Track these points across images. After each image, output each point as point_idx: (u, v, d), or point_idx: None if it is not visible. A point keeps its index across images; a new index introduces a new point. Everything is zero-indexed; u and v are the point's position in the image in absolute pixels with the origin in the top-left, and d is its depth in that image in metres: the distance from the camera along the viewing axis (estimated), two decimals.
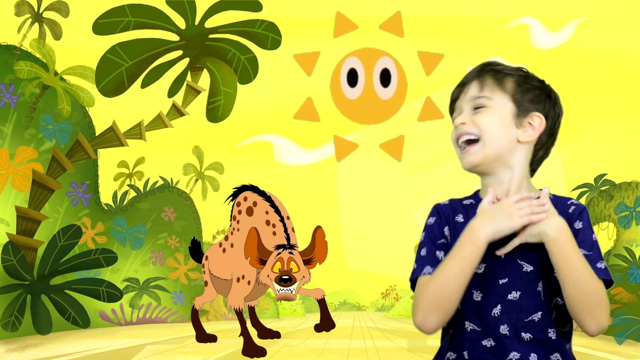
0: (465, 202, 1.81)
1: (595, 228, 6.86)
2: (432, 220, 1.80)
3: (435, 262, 1.75)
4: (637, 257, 7.33)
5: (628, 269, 7.31)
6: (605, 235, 7.66)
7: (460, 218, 1.78)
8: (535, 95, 1.78)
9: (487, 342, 1.73)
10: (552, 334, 1.72)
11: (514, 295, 1.72)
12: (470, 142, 1.75)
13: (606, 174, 7.65)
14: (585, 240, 1.70)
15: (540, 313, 1.72)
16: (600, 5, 7.51)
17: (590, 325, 1.65)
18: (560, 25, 7.55)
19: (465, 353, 1.75)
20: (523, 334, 1.71)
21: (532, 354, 1.70)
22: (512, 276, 1.72)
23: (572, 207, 1.75)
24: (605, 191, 7.65)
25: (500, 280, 1.73)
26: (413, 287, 1.84)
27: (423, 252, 1.78)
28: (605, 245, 7.57)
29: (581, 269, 1.64)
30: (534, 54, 7.51)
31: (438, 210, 1.81)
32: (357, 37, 7.37)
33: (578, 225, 1.73)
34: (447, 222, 1.77)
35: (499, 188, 1.75)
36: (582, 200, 7.60)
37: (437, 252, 1.76)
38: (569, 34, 7.54)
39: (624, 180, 7.60)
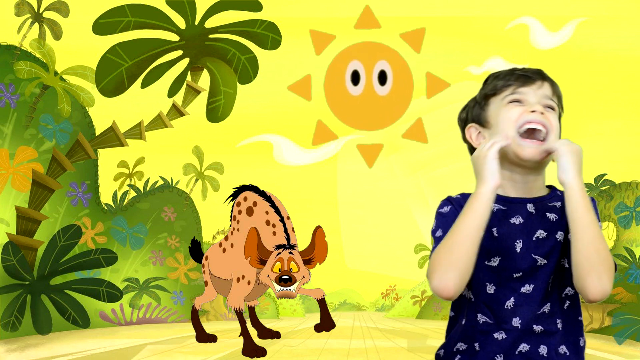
0: None
1: None
2: (447, 209, 1.83)
3: None
4: (637, 257, 7.33)
5: (628, 269, 7.31)
6: (605, 235, 7.64)
7: None
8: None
9: (499, 335, 1.76)
10: (560, 324, 1.75)
11: (527, 288, 1.74)
12: (534, 132, 1.78)
13: (606, 174, 7.64)
14: None
15: (549, 304, 1.75)
16: (600, 5, 7.50)
17: (595, 286, 1.65)
18: (560, 25, 7.55)
19: (476, 345, 1.78)
20: (535, 327, 1.74)
21: (542, 346, 1.73)
22: (527, 270, 1.74)
23: None
24: (605, 191, 7.64)
25: (514, 274, 1.76)
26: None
27: (439, 233, 1.80)
28: None
29: (597, 228, 1.68)
30: (534, 54, 7.50)
31: (451, 201, 1.84)
32: (360, 37, 7.37)
33: None
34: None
35: (520, 187, 1.80)
36: None
37: None
38: (569, 34, 7.54)
39: (624, 180, 7.60)
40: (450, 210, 1.80)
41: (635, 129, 7.49)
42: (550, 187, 1.85)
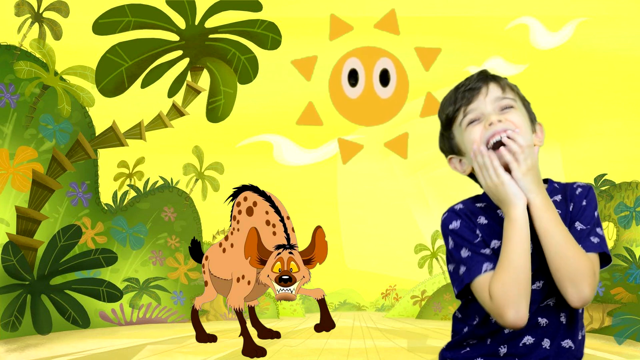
0: (478, 205, 1.83)
1: None
2: (457, 224, 1.81)
3: (487, 258, 1.75)
4: (637, 257, 7.33)
5: (628, 269, 7.32)
6: (605, 235, 7.66)
7: (482, 220, 1.80)
8: (530, 107, 1.87)
9: (508, 330, 1.78)
10: (563, 318, 1.77)
11: (537, 285, 1.77)
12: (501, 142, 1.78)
13: (606, 174, 7.64)
14: (586, 215, 1.79)
15: (554, 298, 1.77)
16: (600, 5, 7.51)
17: (572, 294, 1.69)
18: (560, 25, 7.55)
19: (488, 340, 1.80)
20: (540, 319, 1.77)
21: (545, 339, 1.76)
22: (539, 267, 1.76)
23: (579, 189, 1.84)
24: (605, 191, 7.65)
25: None
26: (462, 294, 1.81)
27: (464, 253, 1.77)
28: None
29: (567, 238, 1.70)
30: (534, 54, 7.50)
31: (457, 213, 1.82)
32: (355, 39, 7.38)
33: (584, 202, 1.81)
34: (472, 223, 1.79)
35: None
36: None
37: (483, 250, 1.76)
38: (569, 34, 7.54)
39: (624, 180, 7.60)
40: (461, 225, 1.79)
41: (635, 129, 7.50)
42: (546, 180, 1.86)
